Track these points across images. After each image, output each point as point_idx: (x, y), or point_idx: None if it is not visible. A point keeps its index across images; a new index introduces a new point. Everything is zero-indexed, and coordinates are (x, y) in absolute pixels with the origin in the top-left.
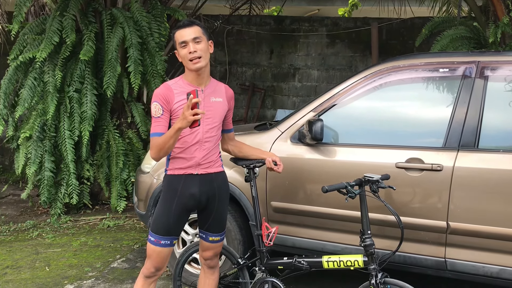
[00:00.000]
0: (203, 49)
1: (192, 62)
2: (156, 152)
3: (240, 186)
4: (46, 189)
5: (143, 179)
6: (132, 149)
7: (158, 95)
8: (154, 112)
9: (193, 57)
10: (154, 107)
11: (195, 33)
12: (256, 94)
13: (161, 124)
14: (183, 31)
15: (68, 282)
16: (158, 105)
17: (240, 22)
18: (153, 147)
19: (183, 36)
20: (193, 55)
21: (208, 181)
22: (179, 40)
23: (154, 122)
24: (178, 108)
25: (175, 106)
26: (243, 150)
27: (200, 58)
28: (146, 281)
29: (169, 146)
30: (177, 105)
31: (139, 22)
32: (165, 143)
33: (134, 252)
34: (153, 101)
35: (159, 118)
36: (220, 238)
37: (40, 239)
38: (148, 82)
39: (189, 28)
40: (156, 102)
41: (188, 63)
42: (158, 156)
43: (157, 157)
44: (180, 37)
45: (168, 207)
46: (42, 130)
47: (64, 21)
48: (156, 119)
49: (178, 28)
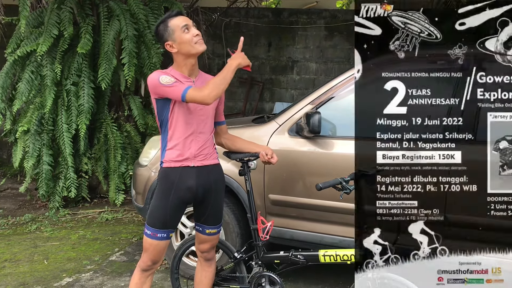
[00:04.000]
0: (200, 35)
1: (198, 42)
2: (213, 90)
3: (238, 179)
4: (44, 183)
5: (141, 172)
6: (130, 142)
7: (157, 72)
8: (166, 81)
9: (199, 38)
10: (163, 78)
11: (190, 20)
12: (254, 87)
13: (181, 83)
14: (179, 18)
15: (67, 275)
16: (166, 77)
17: (238, 14)
18: (208, 89)
19: (182, 21)
20: (199, 37)
21: (204, 174)
22: (181, 24)
23: (173, 85)
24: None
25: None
26: (237, 143)
27: (203, 40)
28: (143, 274)
29: (227, 82)
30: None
31: (136, 14)
32: (224, 79)
33: (133, 245)
34: (158, 77)
35: (175, 82)
36: (216, 230)
37: (39, 233)
38: (145, 75)
39: (183, 16)
40: (161, 76)
41: (193, 46)
42: (217, 95)
43: (216, 96)
44: (179, 22)
45: (164, 200)
46: (39, 123)
47: (61, 14)
48: (174, 83)
49: (171, 17)
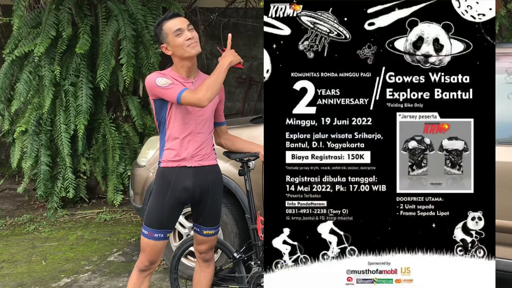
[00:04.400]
0: (196, 37)
1: (190, 46)
2: (206, 92)
3: (236, 179)
4: (43, 183)
5: (139, 173)
6: (128, 142)
7: (155, 74)
8: (162, 83)
9: (191, 42)
10: (159, 81)
11: (186, 22)
12: (253, 87)
13: (177, 85)
14: (174, 20)
15: (65, 275)
16: (163, 79)
17: (236, 15)
18: (202, 90)
19: (177, 25)
20: (191, 40)
21: (202, 174)
22: (174, 28)
23: (170, 87)
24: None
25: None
26: (236, 143)
27: (197, 43)
28: (140, 275)
29: (220, 81)
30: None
31: (134, 15)
32: (217, 79)
33: (131, 245)
34: (155, 79)
35: (172, 83)
36: (214, 231)
37: (37, 233)
38: (143, 75)
39: (178, 18)
40: (158, 78)
41: (185, 49)
42: (211, 96)
43: (210, 98)
44: (173, 26)
45: (161, 200)
46: (38, 124)
47: (60, 15)
48: (170, 84)
49: (166, 20)
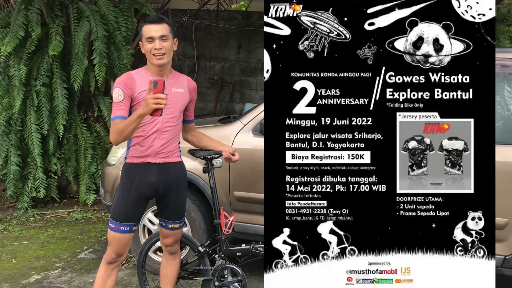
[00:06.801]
0: (168, 48)
1: (156, 57)
2: (115, 136)
3: (204, 177)
4: (12, 183)
5: (109, 171)
6: (100, 142)
7: (120, 81)
8: (116, 97)
9: (158, 53)
10: (115, 93)
11: (162, 31)
12: (225, 88)
13: (122, 108)
14: (151, 26)
15: (35, 272)
16: (120, 91)
17: (208, 17)
18: (113, 131)
19: (151, 32)
20: (158, 51)
21: (165, 171)
22: (147, 35)
23: (115, 107)
24: (140, 98)
25: (136, 95)
26: (202, 141)
27: (164, 55)
28: (108, 267)
29: (129, 131)
30: (139, 94)
31: (106, 16)
32: (125, 128)
33: (102, 243)
34: (115, 87)
35: (121, 102)
36: (179, 225)
37: (7, 233)
38: (115, 76)
39: (157, 25)
40: (118, 88)
41: (151, 57)
42: (117, 141)
43: (116, 142)
44: (147, 32)
45: (126, 195)
46: (7, 124)
47: (29, 15)
48: (117, 103)
49: (146, 23)
